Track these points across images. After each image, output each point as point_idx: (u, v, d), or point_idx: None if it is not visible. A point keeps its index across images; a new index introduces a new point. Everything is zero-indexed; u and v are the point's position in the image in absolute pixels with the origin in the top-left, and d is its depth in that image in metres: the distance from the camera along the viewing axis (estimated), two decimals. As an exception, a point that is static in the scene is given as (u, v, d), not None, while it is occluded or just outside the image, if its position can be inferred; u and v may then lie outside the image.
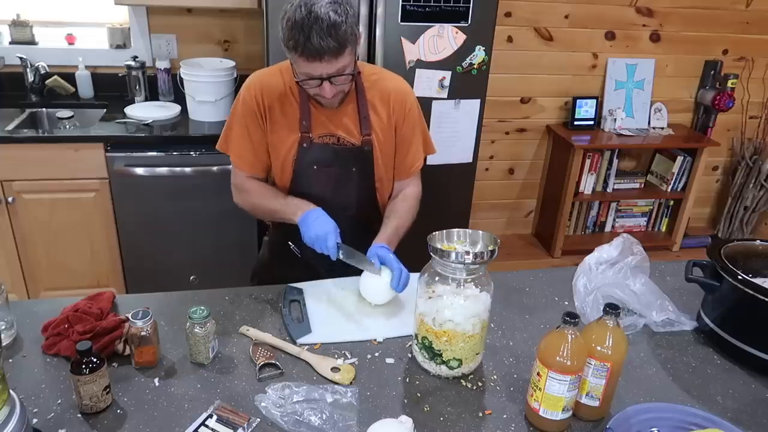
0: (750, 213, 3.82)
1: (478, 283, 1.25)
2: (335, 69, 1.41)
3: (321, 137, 1.59)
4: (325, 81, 1.43)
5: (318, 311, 1.47)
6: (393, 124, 1.64)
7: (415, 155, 1.70)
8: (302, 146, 1.58)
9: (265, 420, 1.13)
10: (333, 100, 1.51)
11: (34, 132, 2.69)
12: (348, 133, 1.60)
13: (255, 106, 1.58)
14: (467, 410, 1.20)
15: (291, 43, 1.37)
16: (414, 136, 1.68)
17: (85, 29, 2.99)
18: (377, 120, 1.62)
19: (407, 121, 1.66)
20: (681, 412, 1.16)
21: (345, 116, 1.60)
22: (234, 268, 2.80)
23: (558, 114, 3.56)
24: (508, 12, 3.20)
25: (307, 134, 1.58)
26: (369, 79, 1.62)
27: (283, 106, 1.58)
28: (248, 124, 1.60)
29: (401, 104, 1.64)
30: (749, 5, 3.46)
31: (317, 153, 1.59)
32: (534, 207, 3.83)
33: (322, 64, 1.38)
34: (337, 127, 1.59)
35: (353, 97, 1.60)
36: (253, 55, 3.01)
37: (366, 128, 1.60)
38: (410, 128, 1.67)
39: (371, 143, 1.61)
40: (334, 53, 1.37)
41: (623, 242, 1.58)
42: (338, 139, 1.60)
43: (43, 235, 2.59)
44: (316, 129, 1.59)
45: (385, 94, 1.62)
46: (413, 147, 1.69)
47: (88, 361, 1.10)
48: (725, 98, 3.48)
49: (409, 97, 1.66)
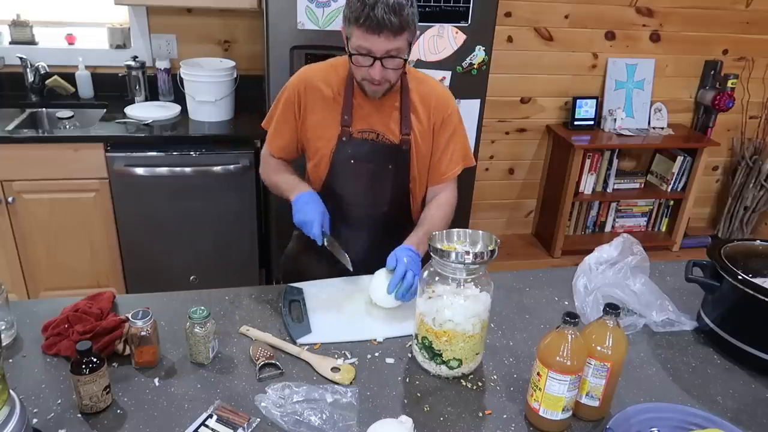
0: (750, 213, 3.82)
1: (478, 283, 1.25)
2: (390, 48, 1.43)
3: (361, 132, 1.61)
4: (377, 61, 1.44)
5: (318, 311, 1.47)
6: (431, 128, 1.65)
7: (451, 162, 1.69)
8: (341, 140, 1.61)
9: (265, 420, 1.13)
10: (378, 88, 1.52)
11: (34, 132, 2.69)
12: (388, 131, 1.62)
13: (294, 99, 1.63)
14: (467, 410, 1.20)
15: (355, 13, 1.41)
16: (451, 143, 1.68)
17: (85, 29, 2.99)
18: (417, 122, 1.63)
19: (445, 127, 1.66)
20: (681, 412, 1.16)
21: (387, 114, 1.61)
22: (234, 268, 2.80)
23: (558, 114, 3.56)
24: (508, 12, 3.20)
25: (347, 128, 1.61)
26: (414, 81, 1.64)
27: (327, 101, 1.61)
28: (286, 113, 1.66)
29: (442, 109, 1.65)
30: (749, 5, 3.46)
31: (356, 148, 1.62)
32: (534, 207, 3.83)
33: (380, 39, 1.41)
34: (377, 124, 1.61)
35: (397, 95, 1.61)
36: (253, 55, 3.01)
37: (406, 127, 1.61)
38: (448, 134, 1.67)
39: (409, 143, 1.62)
40: (393, 31, 1.40)
41: (623, 242, 1.58)
42: (377, 135, 1.62)
43: (43, 235, 2.59)
44: (356, 124, 1.61)
45: (427, 98, 1.64)
46: (449, 153, 1.69)
47: (88, 361, 1.10)
48: (725, 98, 3.48)
49: (451, 104, 1.67)
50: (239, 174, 2.59)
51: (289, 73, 2.46)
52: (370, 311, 1.49)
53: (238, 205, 2.68)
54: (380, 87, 1.52)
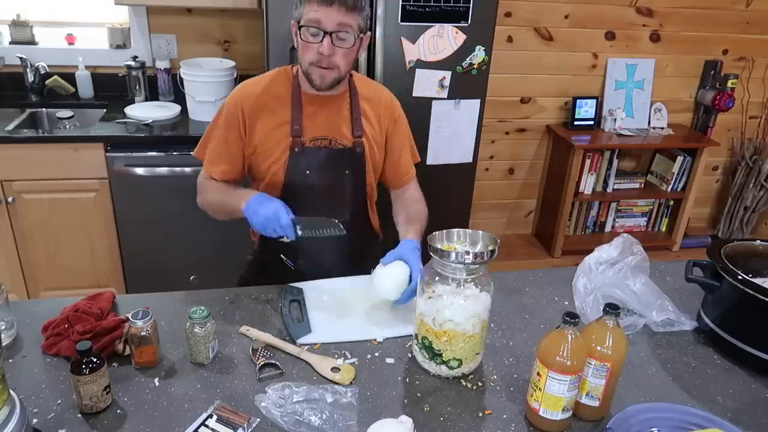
0: (750, 213, 3.82)
1: (478, 283, 1.25)
2: (342, 20, 1.41)
3: (313, 141, 1.58)
4: (327, 36, 1.42)
5: (318, 311, 1.47)
6: (383, 131, 1.65)
7: (408, 162, 1.73)
8: (294, 151, 1.56)
9: (265, 420, 1.13)
10: (326, 73, 1.47)
11: (34, 132, 2.69)
12: (340, 135, 1.59)
13: (237, 115, 1.56)
14: (467, 410, 1.20)
15: None
16: (406, 142, 1.71)
17: (85, 29, 2.99)
18: (368, 125, 1.62)
19: (398, 129, 1.68)
20: (681, 412, 1.16)
21: (337, 117, 1.59)
22: (234, 268, 2.79)
23: (558, 114, 3.56)
24: (508, 12, 3.20)
25: (298, 138, 1.56)
26: (361, 86, 1.63)
27: (272, 114, 1.56)
28: (228, 133, 1.58)
29: (391, 111, 1.66)
30: (749, 5, 3.46)
31: (310, 157, 1.57)
32: (534, 207, 3.83)
33: (331, 9, 1.40)
34: (328, 130, 1.58)
35: (346, 98, 1.60)
36: (253, 55, 3.01)
37: (358, 130, 1.60)
38: (401, 136, 1.69)
39: (363, 145, 1.61)
40: (345, 5, 1.40)
41: (623, 242, 1.58)
42: (330, 141, 1.59)
43: (43, 235, 2.59)
44: (307, 132, 1.57)
45: (376, 102, 1.64)
46: (405, 154, 1.71)
47: (88, 361, 1.10)
48: (725, 98, 3.48)
49: (397, 105, 1.69)
50: (239, 174, 2.59)
51: (289, 73, 2.46)
52: (370, 311, 1.49)
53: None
54: (329, 72, 1.47)
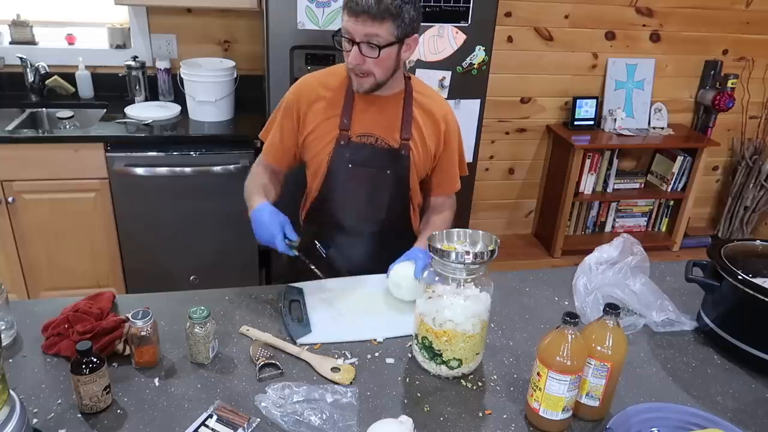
0: (750, 213, 3.82)
1: (478, 283, 1.25)
2: (367, 32, 1.42)
3: (359, 136, 1.61)
4: (355, 45, 1.45)
5: (318, 311, 1.47)
6: (434, 143, 1.65)
7: (454, 176, 1.75)
8: (339, 143, 1.60)
9: (265, 420, 1.13)
10: (361, 80, 1.51)
11: (34, 132, 2.69)
12: (387, 135, 1.61)
13: (294, 105, 1.63)
14: (467, 410, 1.20)
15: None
16: (453, 158, 1.72)
17: (85, 29, 2.99)
18: (417, 133, 1.63)
19: (449, 143, 1.68)
20: (681, 412, 1.16)
21: (388, 117, 1.61)
22: (234, 268, 2.80)
23: (558, 114, 3.56)
24: (508, 12, 3.20)
25: (345, 132, 1.60)
26: (418, 93, 1.63)
27: (326, 106, 1.61)
28: (284, 121, 1.66)
29: (444, 125, 1.65)
30: (749, 5, 3.46)
31: (354, 152, 1.61)
32: (534, 207, 3.83)
33: (357, 22, 1.42)
34: (377, 128, 1.61)
35: (400, 101, 1.61)
36: (253, 55, 3.00)
37: (406, 133, 1.61)
38: (451, 150, 1.69)
39: (409, 148, 1.62)
40: (372, 15, 1.40)
41: (623, 242, 1.58)
42: (376, 139, 1.61)
43: (43, 235, 2.59)
44: (355, 128, 1.60)
45: (429, 113, 1.64)
46: (452, 168, 1.73)
47: (88, 361, 1.10)
48: (725, 98, 3.48)
49: (452, 120, 1.68)
50: (239, 174, 2.59)
51: (289, 72, 2.46)
52: (370, 311, 1.49)
53: (238, 205, 2.64)
54: (363, 79, 1.51)
